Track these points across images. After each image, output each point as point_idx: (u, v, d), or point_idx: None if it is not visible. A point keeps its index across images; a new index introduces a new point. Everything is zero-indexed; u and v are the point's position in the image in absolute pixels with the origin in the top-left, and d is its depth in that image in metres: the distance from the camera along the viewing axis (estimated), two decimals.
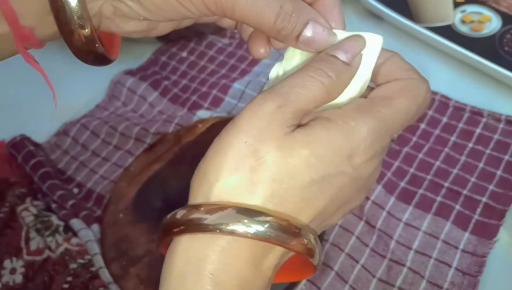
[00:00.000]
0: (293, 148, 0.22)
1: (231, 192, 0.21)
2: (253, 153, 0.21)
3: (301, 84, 0.22)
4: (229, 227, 0.20)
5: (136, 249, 0.42)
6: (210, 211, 0.21)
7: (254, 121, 0.22)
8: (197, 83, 0.53)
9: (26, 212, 0.43)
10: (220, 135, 0.23)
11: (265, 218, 0.21)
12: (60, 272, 0.40)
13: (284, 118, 0.22)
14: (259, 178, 0.21)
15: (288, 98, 0.22)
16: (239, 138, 0.21)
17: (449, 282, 0.37)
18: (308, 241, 0.22)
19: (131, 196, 0.45)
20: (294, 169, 0.22)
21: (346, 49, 0.24)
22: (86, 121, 0.51)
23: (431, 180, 0.43)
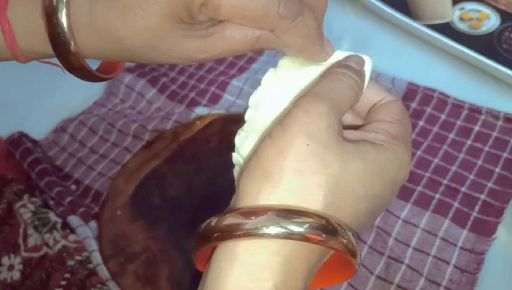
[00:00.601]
0: (349, 159, 0.22)
1: (292, 197, 0.21)
2: (315, 157, 0.21)
3: (338, 88, 0.23)
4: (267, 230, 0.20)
5: (134, 246, 0.42)
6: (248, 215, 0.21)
7: (310, 122, 0.22)
8: (195, 80, 0.53)
9: (23, 209, 0.43)
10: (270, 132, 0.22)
11: (305, 219, 0.20)
12: (57, 269, 0.40)
13: (335, 123, 0.22)
14: (324, 183, 0.21)
15: (333, 102, 0.23)
16: (300, 140, 0.21)
17: (448, 280, 0.37)
18: (348, 240, 0.22)
19: (129, 193, 0.45)
20: (351, 180, 0.22)
21: (355, 61, 0.25)
22: (84, 118, 0.50)
23: (430, 178, 0.43)
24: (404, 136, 0.24)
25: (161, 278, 0.40)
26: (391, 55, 0.53)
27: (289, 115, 0.22)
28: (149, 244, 0.42)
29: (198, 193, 0.44)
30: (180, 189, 0.44)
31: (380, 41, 0.54)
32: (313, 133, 0.21)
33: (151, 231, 0.42)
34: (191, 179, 0.45)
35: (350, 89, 0.24)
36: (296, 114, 0.22)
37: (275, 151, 0.21)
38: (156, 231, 0.42)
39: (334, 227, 0.21)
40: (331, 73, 0.24)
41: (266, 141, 0.22)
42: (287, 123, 0.22)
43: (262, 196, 0.21)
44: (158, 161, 0.46)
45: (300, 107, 0.22)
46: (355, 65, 0.25)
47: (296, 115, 0.22)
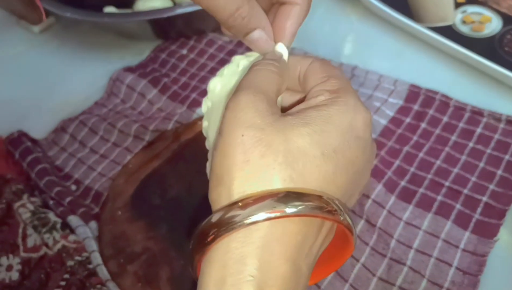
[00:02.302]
0: (292, 129, 0.22)
1: (251, 185, 0.21)
2: (256, 142, 0.21)
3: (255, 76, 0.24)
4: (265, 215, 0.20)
5: (134, 247, 0.41)
6: (243, 207, 0.21)
7: (240, 115, 0.22)
8: (197, 81, 0.53)
9: (23, 209, 0.43)
10: (215, 145, 0.23)
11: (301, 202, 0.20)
12: (57, 269, 0.40)
13: (263, 105, 0.23)
14: (272, 161, 0.21)
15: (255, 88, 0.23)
16: (235, 135, 0.22)
17: (450, 281, 0.37)
18: (344, 218, 0.22)
19: (129, 193, 0.45)
20: (302, 146, 0.22)
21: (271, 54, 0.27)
22: (85, 118, 0.50)
23: (432, 179, 0.43)
24: (341, 85, 0.25)
25: (161, 278, 0.39)
26: (393, 57, 0.53)
27: (222, 121, 0.23)
28: (150, 244, 0.41)
29: (199, 193, 0.44)
30: (181, 190, 0.44)
31: (382, 43, 0.54)
32: (244, 123, 0.22)
33: (152, 231, 0.42)
34: (192, 179, 0.45)
35: (269, 73, 0.25)
36: (226, 116, 0.23)
37: (221, 156, 0.22)
38: (156, 231, 0.42)
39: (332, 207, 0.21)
40: (249, 70, 0.26)
41: (213, 151, 0.23)
42: (222, 128, 0.23)
43: (223, 199, 0.22)
44: (159, 162, 0.46)
45: (227, 108, 0.23)
46: (270, 56, 0.27)
47: (226, 116, 0.23)
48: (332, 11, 0.58)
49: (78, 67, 0.57)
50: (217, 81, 0.28)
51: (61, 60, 0.57)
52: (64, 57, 0.58)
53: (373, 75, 0.50)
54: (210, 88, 0.28)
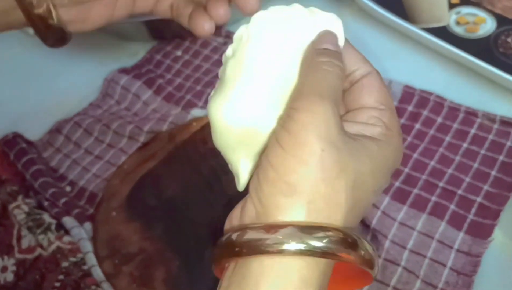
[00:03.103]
0: (360, 158, 0.22)
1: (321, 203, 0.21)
2: (333, 162, 0.21)
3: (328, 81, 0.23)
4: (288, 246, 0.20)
5: (129, 247, 0.41)
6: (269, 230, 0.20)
7: (321, 127, 0.21)
8: (192, 82, 0.53)
9: (18, 210, 0.43)
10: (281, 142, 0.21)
11: (326, 233, 0.20)
12: (51, 270, 0.40)
13: (339, 120, 0.22)
14: (345, 187, 0.21)
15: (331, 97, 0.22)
16: (315, 146, 0.21)
17: (444, 282, 0.37)
18: (366, 251, 0.21)
19: (124, 194, 0.45)
20: (363, 178, 0.22)
21: (331, 42, 0.25)
22: (79, 119, 0.50)
23: (426, 180, 0.43)
24: (395, 123, 0.24)
25: (156, 279, 0.39)
26: (387, 58, 0.53)
27: (293, 119, 0.21)
28: (145, 245, 0.41)
29: (194, 194, 0.44)
30: (176, 190, 0.44)
31: (376, 43, 0.54)
32: (325, 136, 0.21)
33: (147, 232, 0.42)
34: (188, 180, 0.45)
35: (338, 79, 0.23)
36: (301, 118, 0.21)
37: (294, 161, 0.21)
38: (152, 232, 0.42)
39: (354, 239, 0.21)
40: (314, 64, 0.23)
41: (278, 150, 0.21)
42: (295, 129, 0.21)
43: (290, 210, 0.21)
44: (154, 162, 0.46)
45: (304, 110, 0.21)
46: (332, 47, 0.24)
47: (302, 119, 0.21)
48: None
49: (73, 68, 0.56)
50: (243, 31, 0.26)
51: (56, 62, 0.57)
52: (59, 58, 0.57)
53: None
54: (236, 38, 0.26)
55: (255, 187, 0.22)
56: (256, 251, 0.20)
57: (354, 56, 0.25)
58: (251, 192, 0.22)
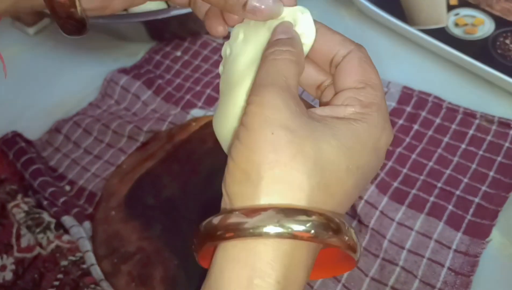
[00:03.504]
0: (322, 137, 0.22)
1: (279, 187, 0.21)
2: (287, 143, 0.21)
3: (275, 69, 0.23)
4: (266, 229, 0.20)
5: (128, 247, 0.41)
6: (249, 214, 0.20)
7: (268, 113, 0.21)
8: (191, 82, 0.53)
9: (17, 209, 0.43)
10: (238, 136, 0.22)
11: (308, 217, 0.20)
12: (50, 269, 0.40)
13: (290, 104, 0.22)
14: (303, 165, 0.21)
15: (279, 85, 0.22)
16: (264, 132, 0.21)
17: (442, 282, 0.37)
18: (349, 237, 0.21)
19: (123, 193, 0.45)
20: (330, 157, 0.22)
21: (281, 31, 0.25)
22: (79, 119, 0.50)
23: (424, 180, 0.43)
24: (373, 99, 0.24)
25: (155, 278, 0.39)
26: (386, 59, 0.53)
27: (246, 114, 0.22)
28: (144, 244, 0.41)
29: (193, 194, 0.44)
30: (175, 190, 0.44)
31: (375, 45, 0.54)
32: (275, 122, 0.21)
33: (146, 231, 0.42)
34: (186, 180, 0.45)
35: (287, 63, 0.23)
36: (252, 111, 0.22)
37: (247, 150, 0.21)
38: (150, 231, 0.42)
39: (337, 224, 0.21)
40: (264, 58, 0.24)
41: (236, 143, 0.22)
42: (248, 121, 0.22)
43: (248, 196, 0.21)
44: (153, 162, 0.46)
45: (253, 103, 0.22)
46: (282, 35, 0.24)
47: (253, 111, 0.22)
48: (326, 13, 0.58)
49: (73, 68, 0.57)
50: (241, 29, 0.26)
51: (56, 61, 0.57)
52: (58, 58, 0.58)
53: None
54: (233, 34, 0.27)
55: (222, 181, 0.23)
56: (238, 235, 0.20)
57: (331, 38, 0.25)
58: (222, 186, 0.23)
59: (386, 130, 0.24)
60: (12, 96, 0.54)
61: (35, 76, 0.56)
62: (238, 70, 0.25)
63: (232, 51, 0.26)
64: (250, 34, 0.26)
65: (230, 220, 0.21)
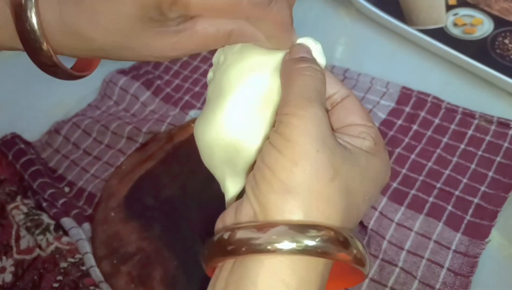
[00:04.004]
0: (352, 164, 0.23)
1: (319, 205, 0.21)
2: (328, 162, 0.21)
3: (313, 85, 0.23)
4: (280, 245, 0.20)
5: (127, 247, 0.41)
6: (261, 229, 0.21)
7: (314, 129, 0.22)
8: (190, 83, 0.53)
9: (16, 211, 0.43)
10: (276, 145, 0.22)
11: (317, 233, 0.21)
12: (50, 270, 0.40)
13: (329, 123, 0.23)
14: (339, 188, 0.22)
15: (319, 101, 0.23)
16: (310, 147, 0.21)
17: (441, 283, 0.37)
18: (358, 250, 0.22)
19: (123, 194, 0.45)
20: (355, 183, 0.23)
21: (306, 51, 0.25)
22: (78, 120, 0.50)
23: (423, 181, 0.43)
24: (381, 139, 0.26)
25: (154, 279, 0.39)
26: (385, 59, 0.53)
27: (284, 124, 0.22)
28: (143, 245, 0.41)
29: (192, 194, 0.44)
30: (174, 191, 0.44)
31: (374, 45, 0.54)
32: (318, 137, 0.22)
33: (145, 232, 0.42)
34: (186, 180, 0.45)
35: (321, 83, 0.24)
36: (292, 121, 0.22)
37: (290, 163, 0.21)
38: (150, 232, 0.42)
39: (345, 237, 0.21)
40: (296, 71, 0.24)
41: (273, 152, 0.22)
42: (287, 132, 0.22)
43: (288, 209, 0.21)
44: (152, 163, 0.46)
45: (293, 115, 0.22)
46: (309, 55, 0.25)
47: (294, 123, 0.22)
48: (325, 13, 0.58)
49: None
50: (220, 53, 0.27)
51: None
52: None
53: (365, 77, 0.50)
54: (214, 61, 0.27)
55: (252, 187, 0.22)
56: (249, 251, 0.21)
57: (332, 80, 0.26)
58: (248, 191, 0.23)
59: (389, 167, 0.26)
60: (12, 97, 0.54)
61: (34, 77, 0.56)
62: (230, 79, 0.25)
63: (227, 59, 0.26)
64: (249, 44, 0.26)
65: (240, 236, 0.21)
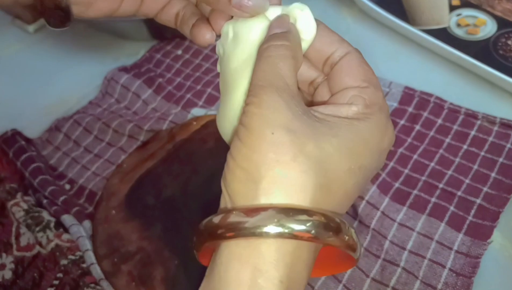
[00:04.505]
0: (323, 137, 0.22)
1: (281, 187, 0.21)
2: (288, 143, 0.21)
3: (272, 67, 0.23)
4: (267, 229, 0.20)
5: (128, 246, 0.41)
6: (249, 213, 0.20)
7: (267, 113, 0.21)
8: (192, 81, 0.53)
9: (16, 208, 0.43)
10: (238, 135, 0.22)
11: (308, 217, 0.20)
12: (50, 268, 0.40)
13: (291, 104, 0.22)
14: (305, 166, 0.21)
15: (276, 84, 0.22)
16: (264, 132, 0.21)
17: (443, 283, 0.37)
18: (349, 236, 0.21)
19: (124, 193, 0.44)
20: (331, 157, 0.21)
21: (277, 25, 0.25)
22: (79, 117, 0.50)
23: (426, 181, 0.43)
24: (376, 99, 0.24)
25: (155, 278, 0.39)
26: (388, 59, 0.53)
27: (245, 114, 0.22)
28: (144, 244, 0.41)
29: (194, 193, 0.44)
30: (176, 190, 0.44)
31: (377, 45, 0.54)
32: (274, 122, 0.21)
33: (146, 231, 0.42)
34: (187, 179, 0.45)
35: (284, 59, 0.23)
36: (250, 111, 0.22)
37: (248, 149, 0.21)
38: (151, 231, 0.42)
39: (337, 223, 0.21)
40: (259, 55, 0.24)
41: (237, 142, 0.22)
42: (247, 122, 0.22)
43: (249, 195, 0.21)
44: (153, 162, 0.46)
45: (251, 104, 0.22)
46: (278, 29, 0.24)
47: (251, 111, 0.22)
48: (328, 13, 0.58)
49: (73, 66, 0.56)
50: (229, 26, 0.26)
51: (56, 59, 0.57)
52: (59, 56, 0.57)
53: None
54: (223, 32, 0.26)
55: (222, 179, 0.23)
56: (238, 234, 0.20)
57: (329, 38, 0.25)
58: (221, 184, 0.23)
59: (388, 130, 0.24)
60: (12, 94, 0.54)
61: (35, 74, 0.56)
62: (232, 69, 0.25)
63: (225, 50, 0.26)
64: (240, 31, 0.26)
65: (231, 219, 0.21)
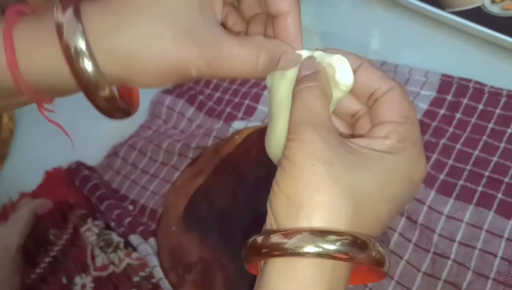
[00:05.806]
0: (356, 168, 0.24)
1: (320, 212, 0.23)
2: (325, 174, 0.24)
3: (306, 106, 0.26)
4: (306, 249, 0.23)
5: (190, 257, 0.45)
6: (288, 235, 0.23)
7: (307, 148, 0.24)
8: (230, 94, 0.55)
9: (89, 232, 0.47)
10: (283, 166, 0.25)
11: (336, 237, 0.23)
12: (124, 285, 0.44)
13: (327, 138, 0.25)
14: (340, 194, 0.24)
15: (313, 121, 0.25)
16: (305, 163, 0.24)
17: (496, 272, 0.37)
18: (377, 251, 0.24)
19: (181, 209, 0.48)
20: (365, 186, 0.24)
21: (305, 67, 0.27)
22: (133, 142, 0.54)
23: (471, 170, 0.42)
24: (410, 134, 0.26)
25: (217, 285, 0.43)
26: (422, 47, 0.52)
27: (288, 148, 0.25)
28: (203, 254, 0.45)
29: (242, 202, 0.47)
30: (226, 200, 0.47)
31: (409, 34, 0.54)
32: (314, 155, 0.24)
33: (204, 242, 0.45)
34: (235, 190, 0.47)
35: (316, 99, 0.26)
36: (293, 146, 0.25)
37: (291, 178, 0.24)
38: (208, 241, 0.45)
39: (363, 241, 0.24)
40: (294, 96, 0.27)
41: (281, 172, 0.25)
42: (290, 155, 0.25)
43: (292, 218, 0.24)
44: (203, 177, 0.49)
45: (293, 140, 0.25)
46: (307, 71, 0.27)
47: (293, 146, 0.25)
48: (358, 6, 0.58)
49: None
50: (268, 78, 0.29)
51: None
52: None
53: (403, 68, 0.50)
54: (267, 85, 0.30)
55: (268, 201, 0.26)
56: (282, 254, 0.23)
57: (375, 75, 0.28)
58: (267, 206, 0.26)
59: (420, 163, 0.26)
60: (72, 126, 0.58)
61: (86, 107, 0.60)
62: (276, 101, 0.28)
63: (273, 83, 0.29)
64: None
65: (272, 241, 0.24)
